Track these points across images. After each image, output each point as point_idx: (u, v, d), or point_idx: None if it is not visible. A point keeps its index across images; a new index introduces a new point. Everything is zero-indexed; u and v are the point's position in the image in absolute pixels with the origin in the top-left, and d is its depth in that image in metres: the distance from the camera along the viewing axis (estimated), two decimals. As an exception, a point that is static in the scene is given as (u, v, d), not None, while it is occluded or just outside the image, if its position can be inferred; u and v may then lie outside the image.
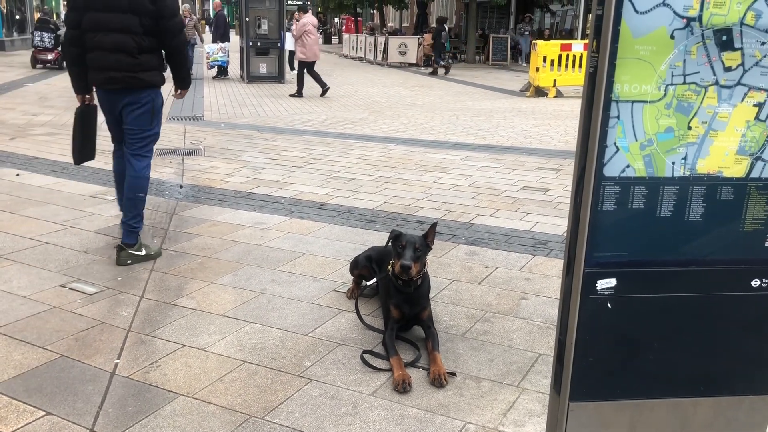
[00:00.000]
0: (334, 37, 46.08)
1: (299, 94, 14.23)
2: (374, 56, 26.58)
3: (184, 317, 3.46)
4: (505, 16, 33.46)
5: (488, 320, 3.49)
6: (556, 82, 14.96)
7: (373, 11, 43.40)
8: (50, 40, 18.37)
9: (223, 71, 17.72)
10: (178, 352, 3.10)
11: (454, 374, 2.93)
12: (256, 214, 5.35)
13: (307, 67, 14.36)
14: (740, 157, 1.84)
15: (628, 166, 1.80)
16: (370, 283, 3.63)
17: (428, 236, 3.19)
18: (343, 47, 33.49)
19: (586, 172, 1.79)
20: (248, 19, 16.71)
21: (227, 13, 26.76)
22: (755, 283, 1.95)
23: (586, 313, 1.89)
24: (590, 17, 1.80)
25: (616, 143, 1.78)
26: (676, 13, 1.69)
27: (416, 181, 6.64)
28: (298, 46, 14.37)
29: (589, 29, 1.91)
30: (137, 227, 4.25)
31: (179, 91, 4.52)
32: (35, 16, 25.01)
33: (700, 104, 1.79)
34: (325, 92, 14.43)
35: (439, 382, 2.85)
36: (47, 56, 18.38)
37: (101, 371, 2.91)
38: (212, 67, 17.52)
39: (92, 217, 5.14)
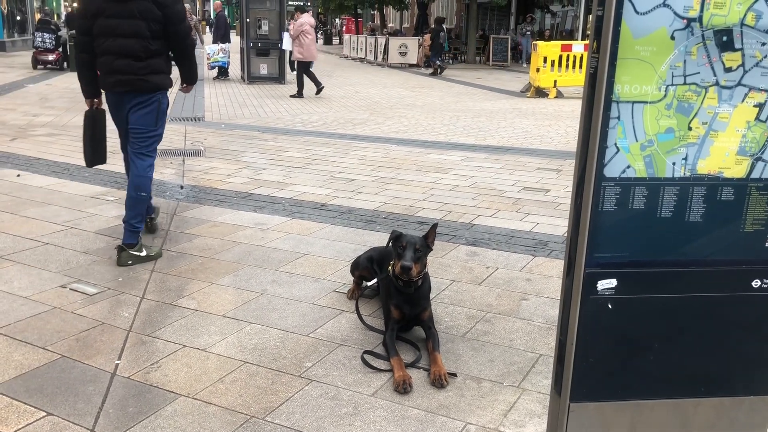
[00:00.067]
0: (334, 37, 46.07)
1: (300, 94, 14.24)
2: (375, 57, 26.59)
3: (184, 318, 3.46)
4: (505, 16, 33.49)
5: (489, 321, 3.49)
6: (556, 82, 14.96)
7: (373, 12, 43.42)
8: (51, 40, 18.40)
9: (223, 72, 17.73)
10: (178, 352, 3.10)
11: (454, 375, 2.93)
12: (256, 214, 5.36)
13: (303, 66, 14.39)
14: (741, 157, 1.84)
15: (628, 166, 1.80)
16: (370, 283, 3.63)
17: (429, 237, 3.19)
18: (343, 48, 33.51)
19: (586, 172, 1.79)
20: (249, 20, 16.72)
21: (228, 13, 26.78)
22: (756, 283, 1.95)
23: (586, 313, 1.89)
24: (590, 18, 1.80)
25: (616, 144, 1.78)
26: (676, 13, 1.69)
27: (417, 181, 6.64)
28: (295, 46, 14.37)
29: (589, 30, 1.92)
30: (139, 227, 4.27)
31: (185, 85, 4.65)
32: (36, 17, 25.04)
33: (700, 105, 1.79)
34: (319, 91, 14.43)
35: (439, 382, 2.85)
36: (48, 57, 18.40)
37: (102, 372, 2.91)
38: (213, 67, 17.52)
39: (93, 217, 5.15)
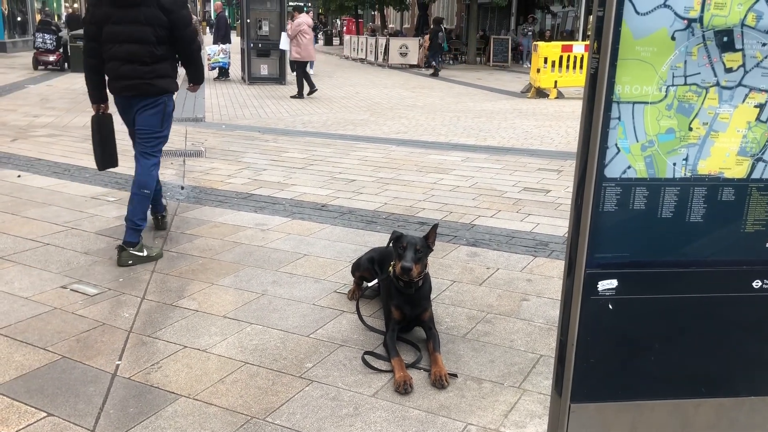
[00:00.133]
0: (335, 38, 46.07)
1: (300, 95, 14.25)
2: (375, 57, 26.59)
3: (185, 318, 3.46)
4: (506, 17, 33.49)
5: (489, 321, 3.49)
6: (557, 83, 14.96)
7: (374, 13, 43.44)
8: (52, 41, 18.40)
9: (224, 73, 17.75)
10: (179, 353, 3.10)
11: (455, 375, 2.93)
12: (257, 215, 5.36)
13: (301, 66, 14.40)
14: (741, 158, 1.84)
15: (629, 167, 1.80)
16: (371, 284, 3.63)
17: (429, 237, 3.19)
18: (344, 49, 33.51)
19: (587, 173, 1.79)
20: (249, 20, 16.73)
21: (228, 14, 26.78)
22: (756, 284, 1.95)
23: (587, 314, 1.89)
24: (591, 18, 1.80)
25: (617, 144, 1.78)
26: (676, 14, 1.70)
27: (417, 182, 6.64)
28: (293, 46, 14.40)
29: (590, 30, 1.91)
30: (140, 225, 4.29)
31: (191, 84, 4.78)
32: (36, 17, 25.06)
33: (701, 105, 1.79)
34: (312, 92, 14.40)
35: (440, 383, 2.85)
36: (49, 58, 18.41)
37: (102, 372, 2.91)
38: (213, 68, 17.54)
39: (94, 218, 5.15)
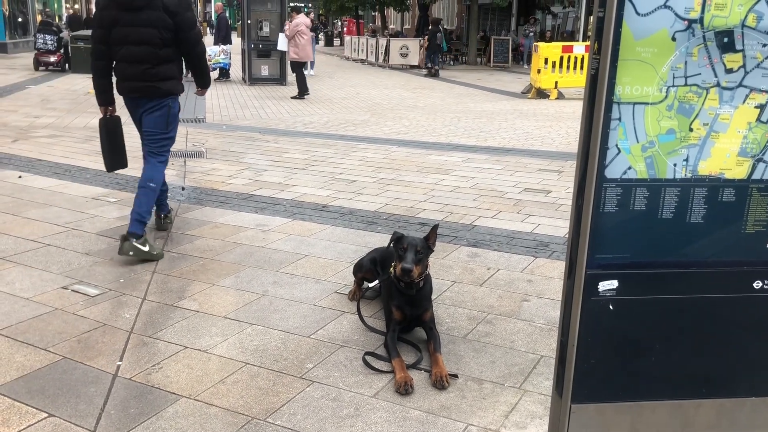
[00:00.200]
0: (335, 39, 46.07)
1: (300, 95, 14.25)
2: (376, 58, 26.59)
3: (186, 319, 3.46)
4: (506, 18, 33.48)
5: (490, 322, 3.49)
6: (557, 83, 14.96)
7: (374, 13, 43.45)
8: (53, 42, 18.41)
9: (224, 73, 17.76)
10: (180, 353, 3.10)
11: (456, 376, 2.93)
12: (257, 215, 5.36)
13: (298, 67, 14.40)
14: (742, 158, 1.84)
15: (629, 167, 1.80)
16: (372, 285, 3.63)
17: (429, 238, 3.19)
18: (344, 49, 33.52)
19: (587, 173, 1.79)
20: (250, 21, 16.74)
21: (229, 15, 26.80)
22: (757, 284, 1.95)
23: (587, 314, 1.89)
24: (592, 19, 1.80)
25: (617, 145, 1.78)
26: (677, 15, 1.70)
27: (418, 182, 6.64)
28: (291, 46, 14.41)
29: (590, 31, 1.91)
30: (146, 218, 4.33)
31: (199, 89, 4.89)
32: (37, 18, 25.06)
33: (701, 106, 1.79)
34: (302, 95, 14.28)
35: (440, 383, 2.85)
36: (50, 58, 18.41)
37: (103, 373, 2.91)
38: (214, 69, 17.53)
39: (94, 219, 5.15)
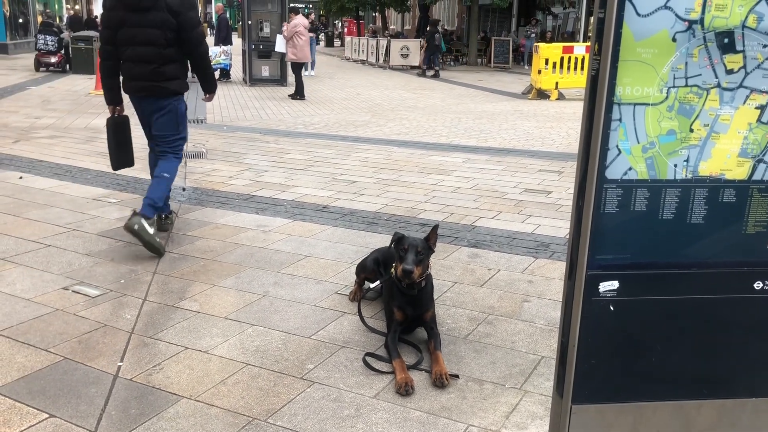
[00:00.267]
0: (336, 39, 46.08)
1: (301, 96, 14.26)
2: (376, 59, 26.60)
3: (186, 320, 3.46)
4: (507, 18, 33.48)
5: (490, 323, 3.49)
6: (558, 84, 14.96)
7: (375, 14, 43.46)
8: (53, 43, 18.42)
9: (225, 74, 17.77)
10: (180, 354, 3.10)
11: (457, 376, 2.93)
12: (258, 216, 5.36)
13: (297, 67, 14.41)
14: (742, 159, 1.84)
15: (630, 168, 1.80)
16: (373, 285, 3.63)
17: (430, 239, 3.19)
18: (345, 50, 33.53)
19: (588, 174, 1.79)
20: (250, 22, 16.75)
21: (229, 16, 26.80)
22: (758, 285, 1.95)
23: (588, 315, 1.89)
24: (592, 20, 1.80)
25: (618, 146, 1.78)
26: (677, 15, 1.70)
27: (418, 183, 6.64)
28: (289, 47, 14.41)
29: (590, 32, 1.92)
30: (158, 204, 4.48)
31: (207, 95, 5.01)
32: (38, 19, 25.08)
33: (702, 107, 1.79)
34: (296, 96, 14.29)
35: (440, 381, 2.85)
36: (50, 59, 18.42)
37: (104, 374, 2.91)
38: (215, 70, 17.56)
39: (95, 219, 5.15)
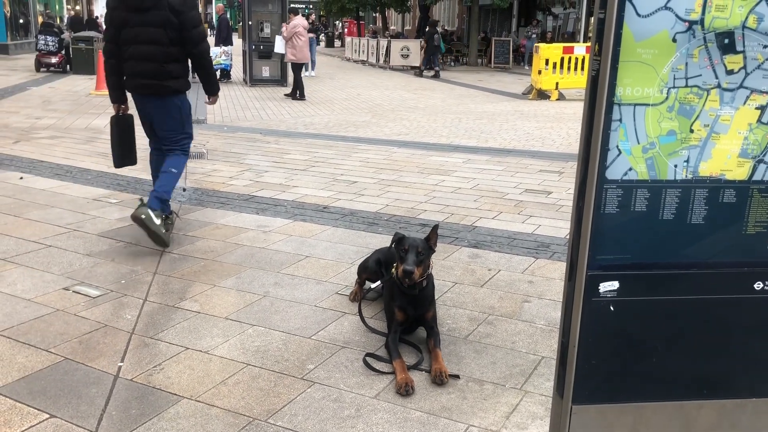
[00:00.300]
0: (336, 40, 46.08)
1: (301, 96, 14.27)
2: (376, 59, 26.61)
3: (187, 320, 3.46)
4: (507, 19, 33.50)
5: (491, 323, 3.49)
6: (558, 84, 14.96)
7: (375, 14, 43.46)
8: (54, 43, 18.41)
9: (225, 75, 17.77)
10: (181, 354, 3.11)
11: (457, 376, 2.93)
12: (258, 217, 5.36)
13: (296, 68, 14.43)
14: (742, 160, 1.84)
15: (630, 169, 1.80)
16: (374, 285, 3.63)
17: (430, 239, 3.19)
18: (345, 50, 33.53)
19: (588, 174, 1.79)
20: (251, 22, 16.75)
21: (230, 16, 26.81)
22: (758, 285, 1.95)
23: (588, 315, 1.89)
24: (592, 20, 1.80)
25: (618, 146, 1.78)
26: (678, 16, 1.70)
27: (419, 183, 6.64)
28: (288, 48, 14.42)
29: (591, 32, 1.92)
30: (165, 197, 4.58)
31: (210, 98, 5.00)
32: (39, 20, 25.08)
33: (702, 107, 1.79)
34: (293, 95, 14.33)
35: (440, 379, 2.86)
36: (51, 60, 18.41)
37: (105, 374, 2.92)
38: (215, 70, 17.53)
39: (96, 220, 5.16)
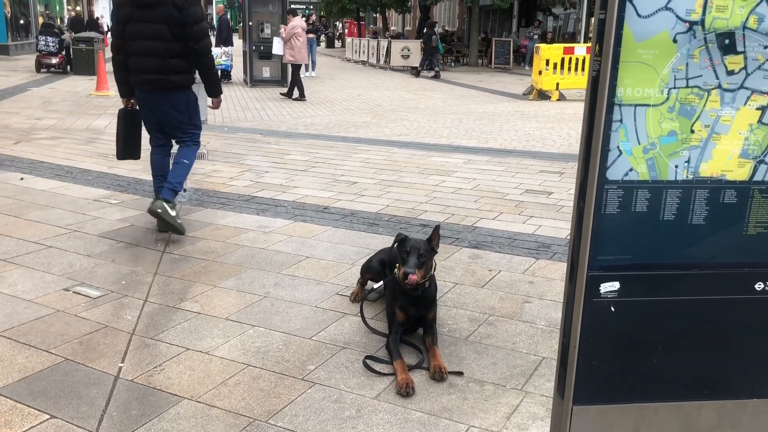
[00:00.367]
0: (336, 41, 46.09)
1: (302, 97, 14.27)
2: (377, 60, 26.60)
3: (187, 321, 3.46)
4: (507, 19, 33.51)
5: (491, 323, 3.49)
6: (558, 85, 14.96)
7: (375, 15, 43.47)
8: (54, 44, 18.41)
9: (226, 75, 17.77)
10: (181, 355, 3.11)
11: (461, 373, 2.93)
12: (259, 217, 5.36)
13: (295, 69, 14.44)
14: (743, 160, 1.84)
15: (631, 169, 1.80)
16: (377, 286, 3.63)
17: (433, 240, 3.19)
18: (345, 51, 33.54)
19: (589, 175, 1.79)
20: (251, 23, 16.76)
21: (231, 17, 26.81)
22: (759, 286, 1.95)
23: (589, 316, 1.89)
24: (593, 21, 1.80)
25: (619, 147, 1.78)
26: (678, 17, 1.70)
27: (419, 184, 6.64)
28: (287, 48, 14.42)
29: (591, 33, 1.92)
30: (177, 188, 4.78)
31: (213, 100, 5.03)
32: (39, 20, 25.09)
33: (702, 108, 1.79)
34: (291, 95, 14.35)
35: (440, 375, 2.87)
36: (51, 60, 18.41)
37: (105, 375, 2.92)
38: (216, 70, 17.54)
39: (96, 220, 5.16)
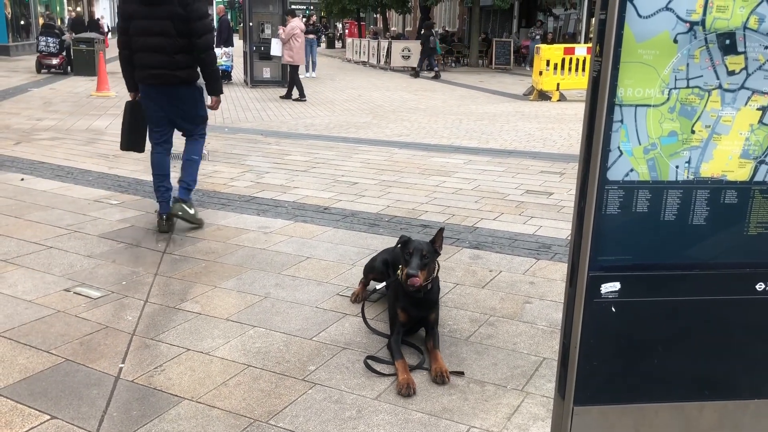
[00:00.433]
0: (337, 41, 46.10)
1: (302, 97, 14.27)
2: (377, 60, 26.62)
3: (188, 321, 3.46)
4: (508, 19, 33.52)
5: (492, 324, 3.49)
6: (559, 85, 14.96)
7: (376, 15, 43.49)
8: (55, 45, 18.42)
9: (226, 76, 17.77)
10: (182, 356, 3.11)
11: (462, 373, 2.93)
12: (259, 218, 5.36)
13: (294, 70, 14.46)
14: (744, 160, 1.84)
15: (631, 169, 1.80)
16: (380, 286, 3.62)
17: (436, 242, 3.19)
18: (346, 51, 33.56)
19: (589, 175, 1.79)
20: (251, 24, 16.77)
21: (231, 17, 26.82)
22: (760, 286, 1.94)
23: (590, 317, 1.89)
24: (593, 21, 1.80)
25: (619, 147, 1.78)
26: (679, 17, 1.69)
27: (420, 184, 6.64)
28: (285, 49, 14.43)
29: (592, 33, 1.92)
30: (191, 186, 4.94)
31: (212, 99, 4.99)
32: (40, 21, 25.10)
33: (703, 108, 1.78)
34: (290, 96, 14.40)
35: (441, 378, 2.86)
36: (52, 61, 18.42)
37: (106, 375, 2.92)
38: (216, 70, 17.54)
39: (97, 221, 5.16)
